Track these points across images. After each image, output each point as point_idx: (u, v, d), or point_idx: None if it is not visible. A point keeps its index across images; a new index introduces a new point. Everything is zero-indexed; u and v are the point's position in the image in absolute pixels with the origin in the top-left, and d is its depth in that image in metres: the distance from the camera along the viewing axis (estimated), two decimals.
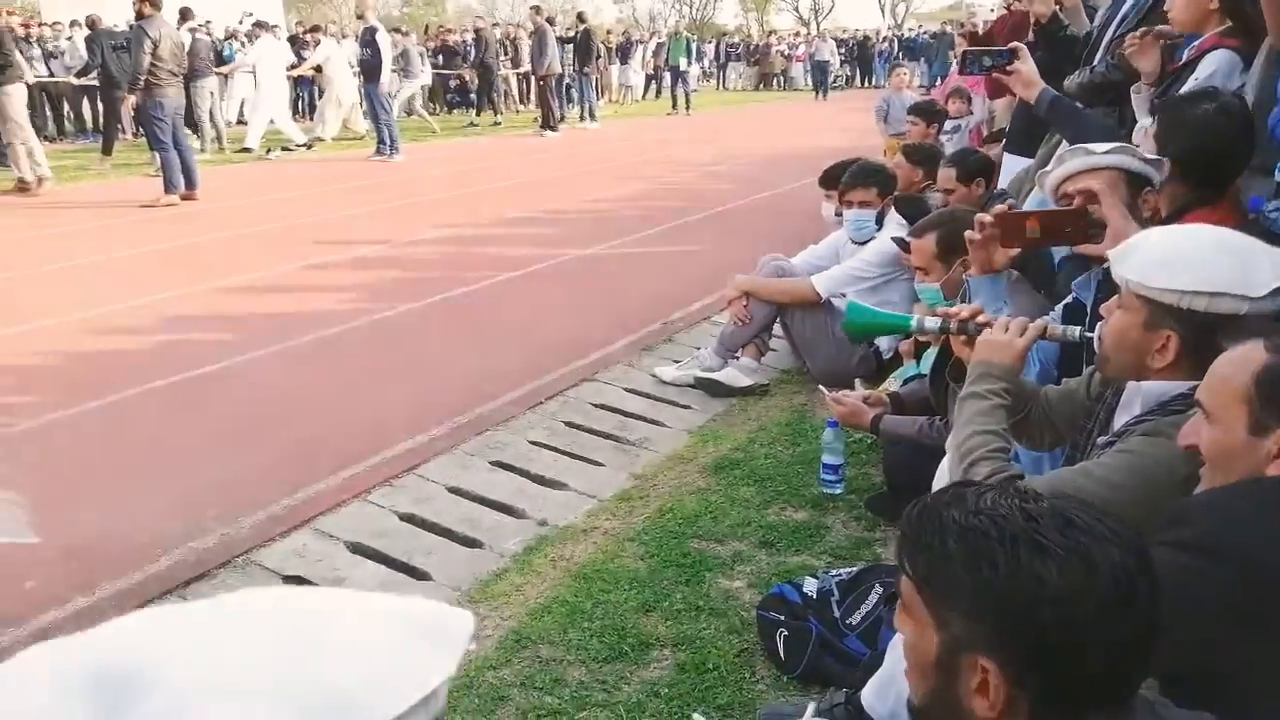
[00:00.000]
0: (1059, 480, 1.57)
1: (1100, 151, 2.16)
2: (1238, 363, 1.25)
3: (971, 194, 3.69)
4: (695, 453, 3.37)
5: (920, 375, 3.01)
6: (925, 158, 4.50)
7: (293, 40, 16.26)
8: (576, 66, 16.33)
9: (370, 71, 11.46)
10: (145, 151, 10.34)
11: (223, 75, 13.36)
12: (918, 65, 22.01)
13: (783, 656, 2.17)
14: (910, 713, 1.08)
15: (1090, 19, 3.77)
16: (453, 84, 18.72)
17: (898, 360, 3.66)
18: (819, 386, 3.07)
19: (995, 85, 5.39)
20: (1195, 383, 1.50)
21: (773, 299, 3.92)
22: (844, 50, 29.70)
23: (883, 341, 3.75)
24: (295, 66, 13.70)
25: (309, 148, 12.53)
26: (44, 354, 4.49)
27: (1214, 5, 2.62)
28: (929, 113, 6.03)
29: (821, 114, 19.18)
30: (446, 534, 2.87)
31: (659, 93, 23.56)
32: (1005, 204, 2.63)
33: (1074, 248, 2.18)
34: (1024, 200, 3.23)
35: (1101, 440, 1.67)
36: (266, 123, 12.32)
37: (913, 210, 3.59)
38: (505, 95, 18.24)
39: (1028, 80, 2.83)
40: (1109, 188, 2.06)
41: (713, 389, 3.89)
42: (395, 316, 5.11)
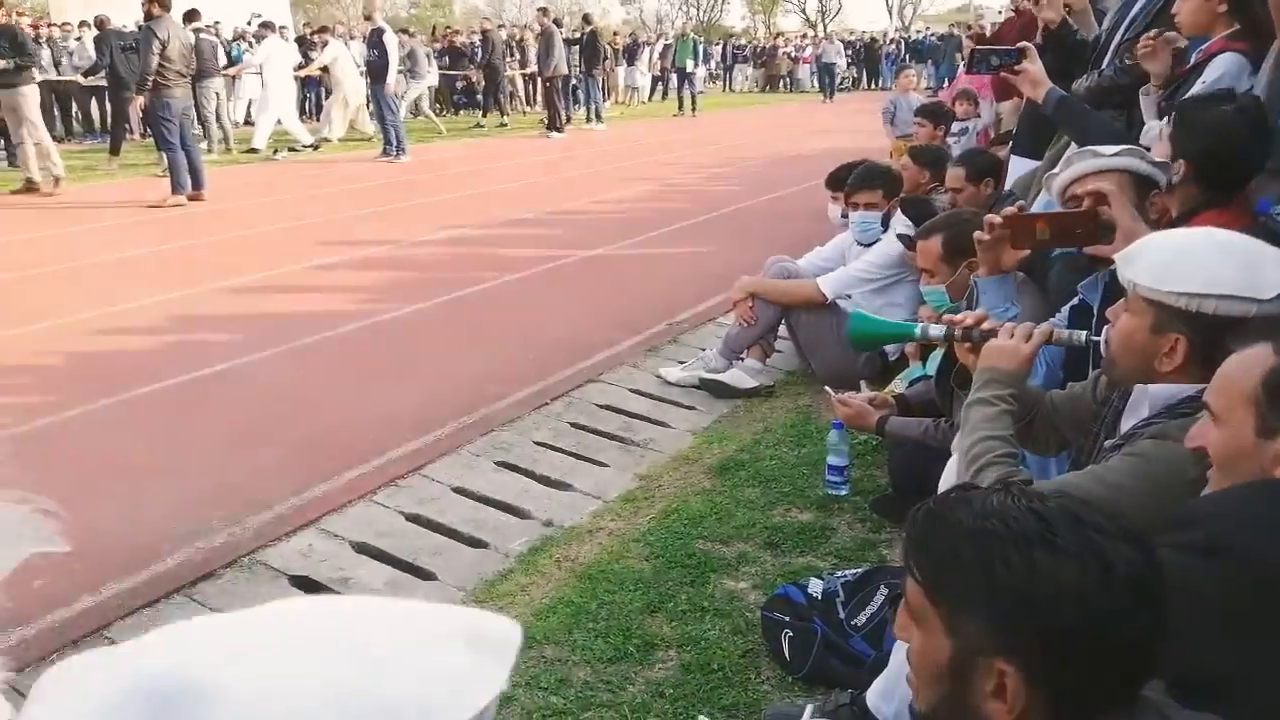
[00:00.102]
0: (1067, 484, 1.57)
1: (1108, 154, 2.15)
2: (1246, 365, 1.25)
3: (980, 193, 3.69)
4: (700, 454, 3.37)
5: (926, 377, 3.00)
6: (932, 160, 4.50)
7: (300, 41, 16.30)
8: (583, 68, 16.34)
9: (377, 72, 11.47)
10: (152, 152, 10.37)
11: (229, 76, 13.39)
12: (925, 67, 21.97)
13: (788, 657, 2.16)
14: (914, 718, 1.07)
15: (1099, 22, 3.76)
16: (459, 85, 18.75)
17: (903, 362, 3.66)
18: (825, 388, 3.07)
19: (1002, 87, 5.39)
20: (1203, 385, 1.50)
21: (778, 300, 3.91)
22: (851, 52, 29.68)
23: None
24: (302, 67, 13.74)
25: (316, 148, 12.56)
26: (51, 353, 4.51)
27: (1222, 9, 2.61)
28: (936, 115, 6.03)
29: (828, 116, 19.17)
30: (452, 534, 2.87)
31: (665, 94, 23.57)
32: (1015, 205, 2.62)
33: (1084, 249, 2.17)
34: (1031, 202, 3.22)
35: (1109, 444, 1.67)
36: (274, 123, 12.35)
37: (919, 212, 3.58)
38: (511, 96, 18.26)
39: (1035, 80, 2.83)
40: (1118, 189, 2.06)
41: (718, 390, 3.89)
42: (401, 317, 5.12)
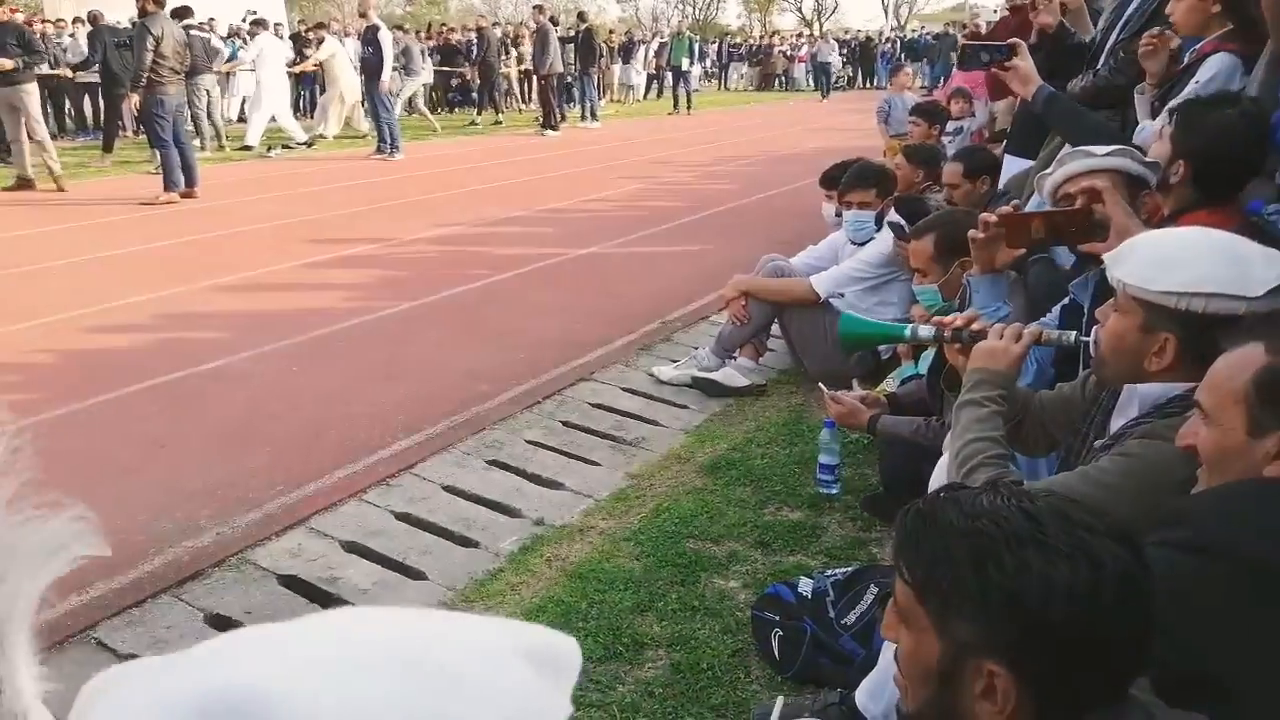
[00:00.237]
0: (1057, 484, 1.56)
1: (1100, 153, 2.15)
2: (1237, 364, 1.25)
3: (976, 190, 3.69)
4: (692, 453, 3.36)
5: (917, 376, 3.00)
6: (925, 158, 4.49)
7: (295, 38, 16.25)
8: (578, 66, 16.31)
9: (372, 70, 11.43)
10: (146, 149, 10.33)
11: (222, 73, 13.34)
12: (920, 66, 21.98)
13: (777, 657, 2.16)
14: (902, 719, 1.07)
15: (1094, 22, 3.76)
16: (454, 83, 18.72)
17: (895, 361, 3.66)
18: (819, 384, 3.06)
19: (996, 87, 5.38)
20: (1192, 384, 1.49)
21: (771, 299, 3.91)
22: (846, 51, 29.69)
23: None
24: (295, 63, 13.69)
25: (310, 145, 12.52)
26: (41, 351, 4.49)
27: (1215, 9, 2.61)
28: (931, 114, 6.02)
29: (823, 115, 19.18)
30: (442, 533, 2.86)
31: (661, 92, 23.55)
32: (1010, 205, 2.62)
33: (1079, 247, 2.17)
34: (1025, 203, 3.22)
35: (1098, 444, 1.67)
36: (267, 120, 12.31)
37: (912, 211, 3.57)
38: (507, 94, 18.23)
39: (1025, 76, 2.82)
40: (1113, 186, 2.06)
41: (710, 389, 3.89)
42: (394, 315, 5.10)
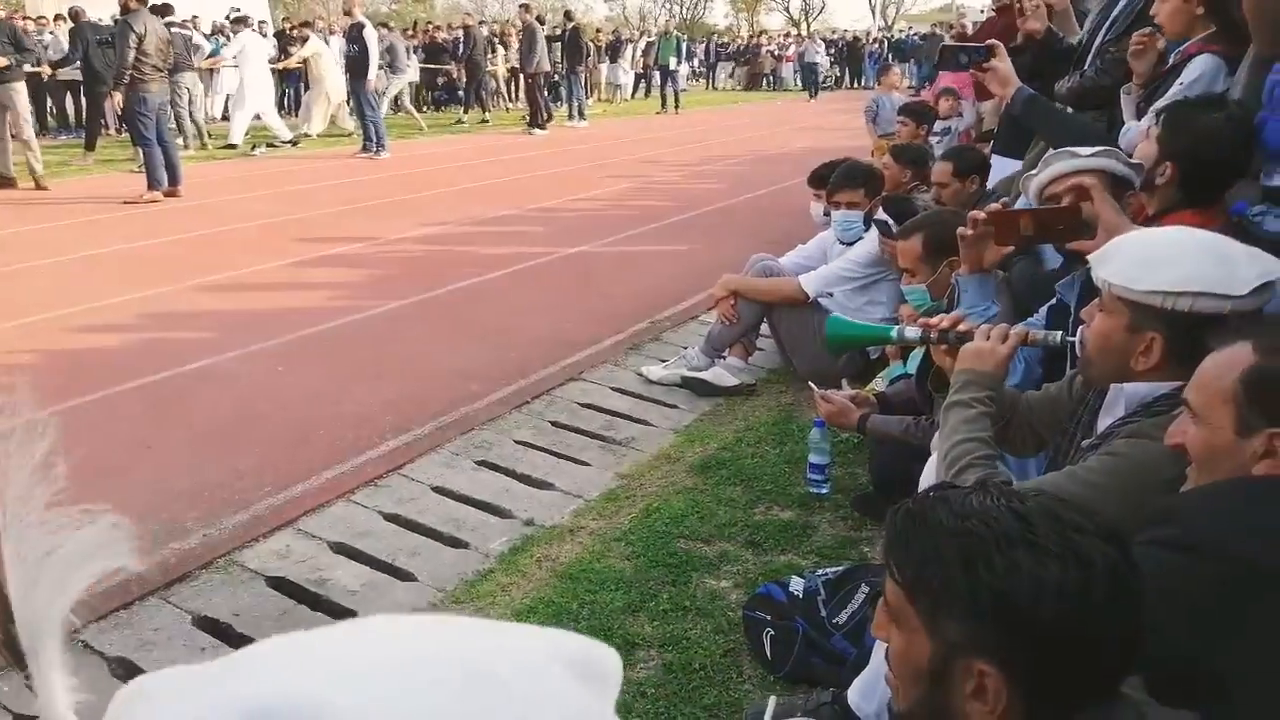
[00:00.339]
0: (1046, 484, 1.57)
1: (1086, 154, 2.16)
2: (1225, 363, 1.26)
3: (965, 190, 3.70)
4: (682, 452, 3.36)
5: (907, 375, 3.01)
6: (913, 158, 4.51)
7: (279, 36, 16.15)
8: (566, 65, 16.29)
9: (357, 68, 11.38)
10: (128, 147, 10.26)
11: (204, 70, 13.25)
12: (908, 66, 22.06)
13: (769, 656, 2.16)
14: (893, 719, 1.07)
15: (1080, 24, 3.78)
16: (440, 81, 18.65)
17: (884, 360, 3.67)
18: (809, 384, 3.07)
19: (983, 87, 5.40)
20: (1178, 383, 1.50)
21: (760, 298, 3.91)
22: (833, 51, 29.77)
23: None
24: (278, 60, 13.60)
25: (295, 144, 12.46)
26: (24, 351, 4.44)
27: (1200, 11, 2.63)
28: (919, 114, 6.05)
29: (810, 114, 19.22)
30: (431, 534, 2.85)
31: (648, 92, 23.54)
32: (1000, 202, 2.63)
33: (1067, 245, 2.18)
34: (1014, 204, 3.23)
35: (1086, 443, 1.67)
36: (250, 118, 12.24)
37: (900, 211, 3.58)
38: (494, 93, 18.18)
39: (1003, 78, 2.83)
40: (1101, 184, 2.07)
41: (699, 388, 3.89)
42: (380, 314, 5.08)
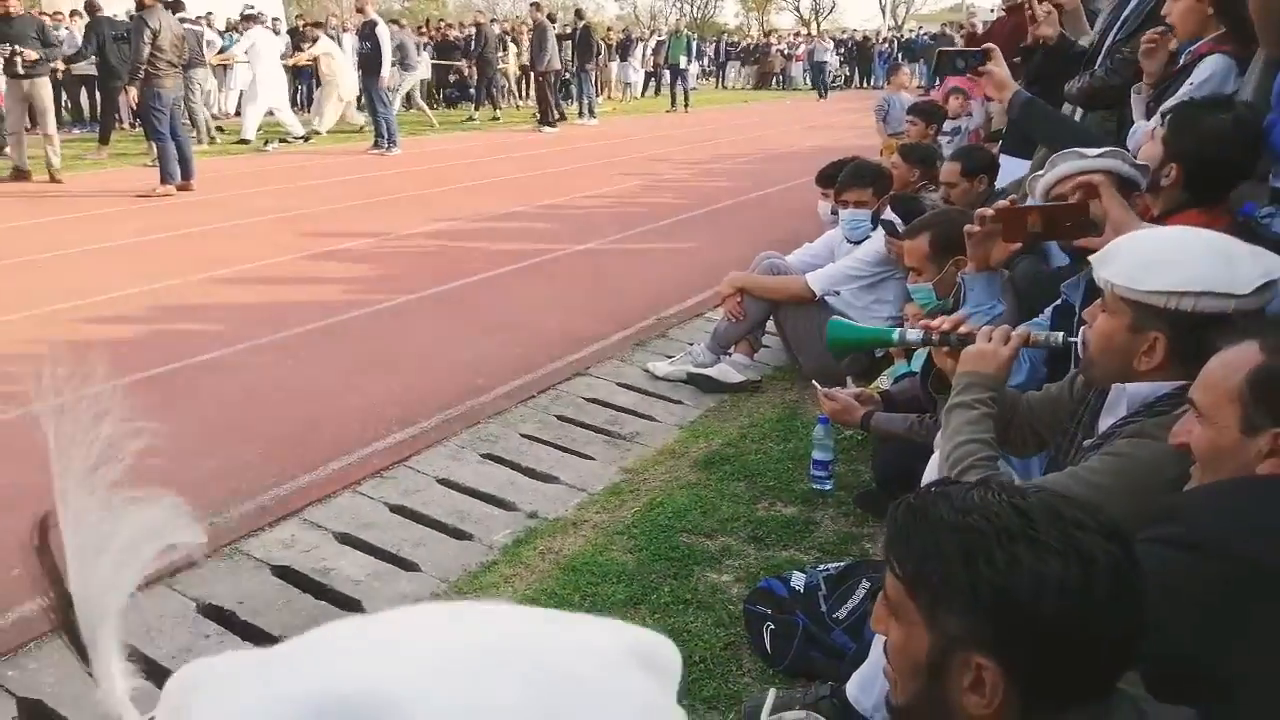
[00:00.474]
0: (1048, 484, 1.57)
1: (1092, 155, 2.16)
2: (1231, 363, 1.26)
3: (973, 189, 3.70)
4: (686, 448, 3.37)
5: (911, 373, 3.01)
6: (921, 157, 4.50)
7: (293, 33, 16.20)
8: (576, 63, 16.31)
9: (370, 65, 11.42)
10: (142, 141, 10.31)
11: (216, 67, 13.33)
12: (917, 66, 21.99)
13: (769, 650, 2.17)
14: (891, 713, 1.07)
15: (1090, 24, 3.77)
16: (451, 78, 18.69)
17: (889, 358, 3.67)
18: (812, 382, 3.08)
19: None
20: (1180, 383, 1.50)
21: (767, 296, 3.92)
22: (843, 51, 29.71)
23: None
24: (287, 57, 13.64)
25: (307, 140, 12.50)
26: (37, 341, 4.48)
27: (1211, 11, 2.63)
28: (928, 113, 6.02)
29: (819, 113, 19.19)
30: (436, 525, 2.86)
31: (658, 90, 23.55)
32: (1008, 200, 2.62)
33: (1074, 242, 2.18)
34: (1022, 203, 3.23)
35: (1087, 443, 1.67)
36: (262, 114, 12.29)
37: (908, 210, 3.58)
38: (504, 91, 18.21)
39: (1000, 82, 2.83)
40: (1109, 182, 2.07)
41: (705, 385, 3.90)
42: (389, 309, 5.10)
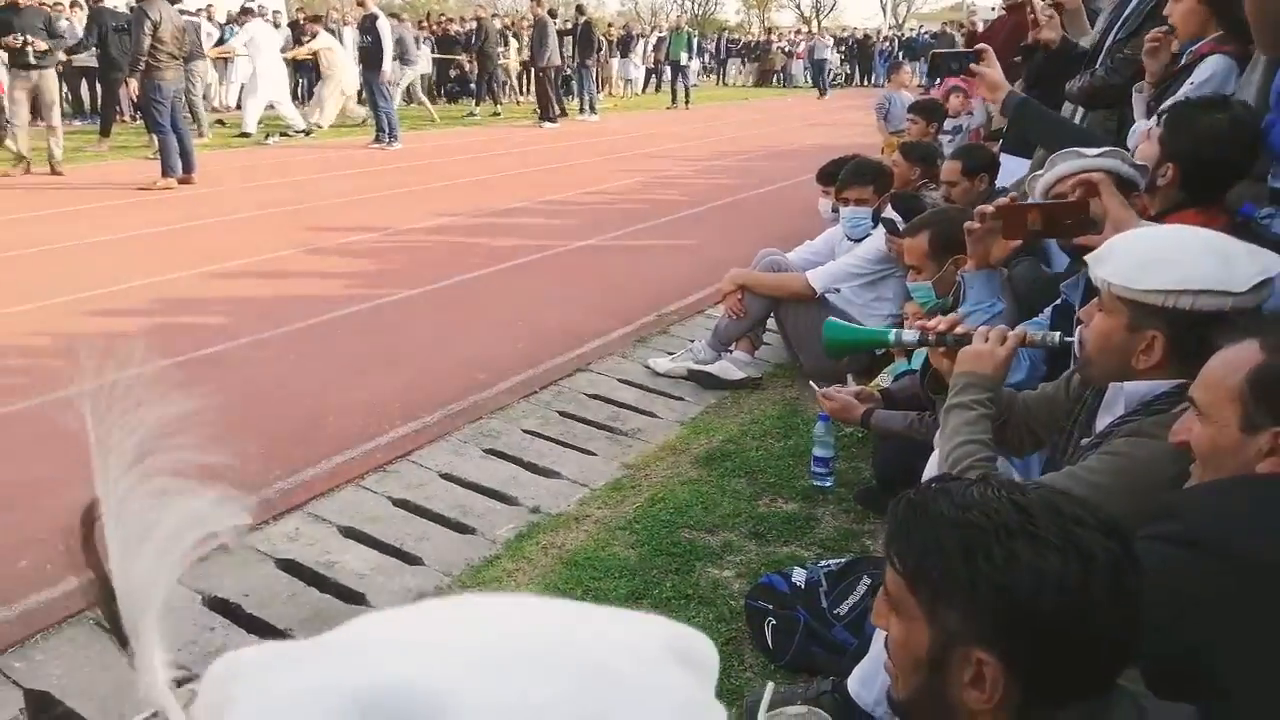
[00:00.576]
0: (1046, 484, 1.58)
1: (1091, 154, 2.18)
2: (1232, 361, 1.26)
3: (974, 188, 3.71)
4: (687, 444, 3.39)
5: (911, 371, 3.03)
6: (922, 155, 4.51)
7: (294, 26, 16.18)
8: (577, 59, 16.29)
9: (371, 59, 11.42)
10: (143, 134, 10.31)
11: (216, 59, 13.32)
12: (918, 64, 21.98)
13: (770, 645, 2.19)
14: (892, 707, 1.08)
15: (1091, 24, 3.78)
16: (453, 73, 18.67)
17: (889, 356, 3.68)
18: (810, 383, 3.09)
19: None
20: (1178, 381, 1.51)
21: (768, 293, 3.93)
22: (844, 49, 29.70)
23: None
24: (287, 50, 13.63)
25: (308, 134, 12.50)
26: (38, 334, 4.49)
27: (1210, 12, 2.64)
28: (929, 111, 6.02)
29: (821, 111, 19.19)
30: (439, 520, 2.88)
31: (659, 87, 23.55)
32: (1008, 197, 2.64)
33: (1075, 240, 2.19)
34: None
35: (1085, 442, 1.68)
36: (263, 107, 12.28)
37: (909, 208, 3.60)
38: (505, 86, 18.19)
39: (993, 83, 2.83)
40: (1108, 180, 2.08)
41: (706, 381, 3.92)
42: (391, 304, 5.11)
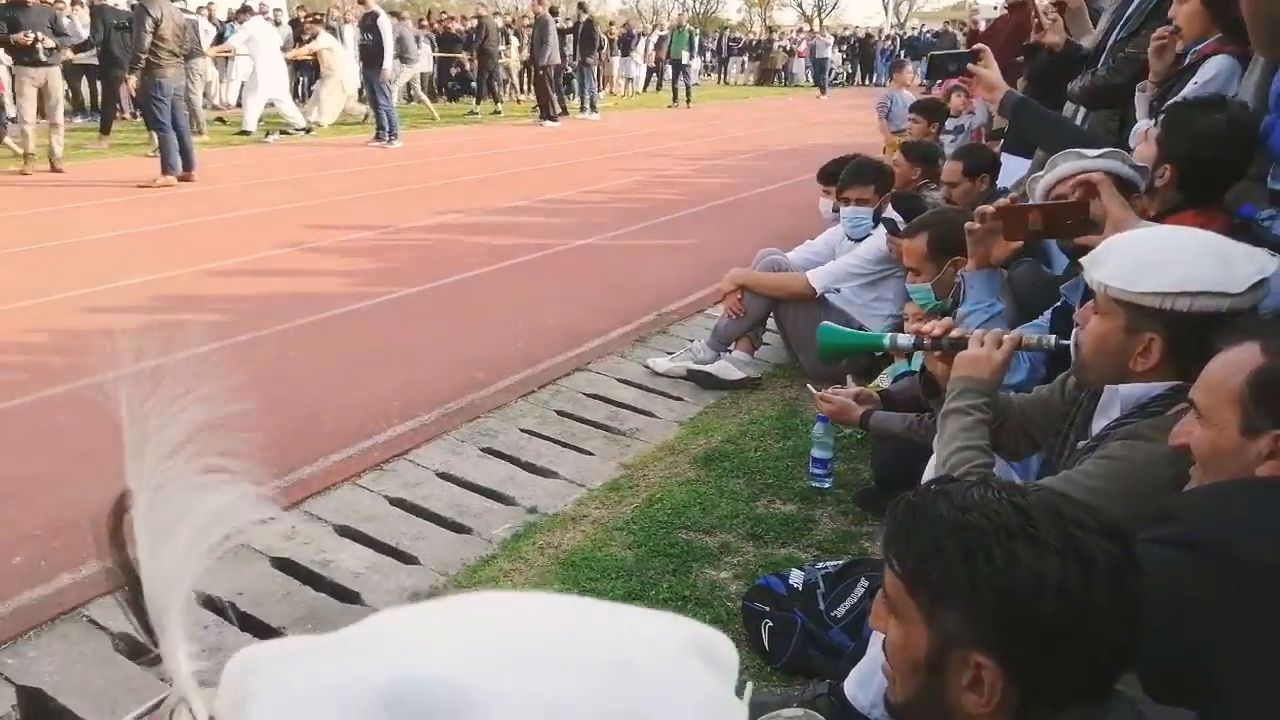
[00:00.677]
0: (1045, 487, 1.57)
1: (1092, 155, 2.17)
2: (1232, 364, 1.26)
3: (975, 188, 3.70)
4: (686, 444, 3.37)
5: (910, 372, 3.01)
6: (923, 155, 4.50)
7: (294, 24, 16.17)
8: (579, 57, 16.28)
9: (371, 57, 11.40)
10: (143, 131, 10.30)
11: (215, 57, 13.31)
12: (919, 64, 21.98)
13: (767, 647, 2.18)
14: (889, 710, 1.07)
15: (1094, 23, 3.77)
16: (453, 71, 18.66)
17: (889, 357, 3.67)
18: (807, 385, 3.08)
19: None
20: (1173, 383, 1.51)
21: (768, 293, 3.92)
22: (845, 48, 29.70)
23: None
24: (287, 49, 13.63)
25: (308, 132, 12.49)
26: (36, 331, 4.48)
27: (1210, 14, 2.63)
28: (931, 111, 6.02)
29: (822, 110, 19.18)
30: (435, 519, 2.87)
31: (660, 85, 23.55)
32: (1009, 197, 2.62)
33: (1075, 241, 2.18)
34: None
35: (1081, 445, 1.67)
36: (263, 105, 12.27)
37: (909, 208, 3.59)
38: (506, 84, 18.19)
39: (990, 84, 2.82)
40: (1108, 180, 2.07)
41: (705, 381, 3.90)
42: (389, 302, 5.10)
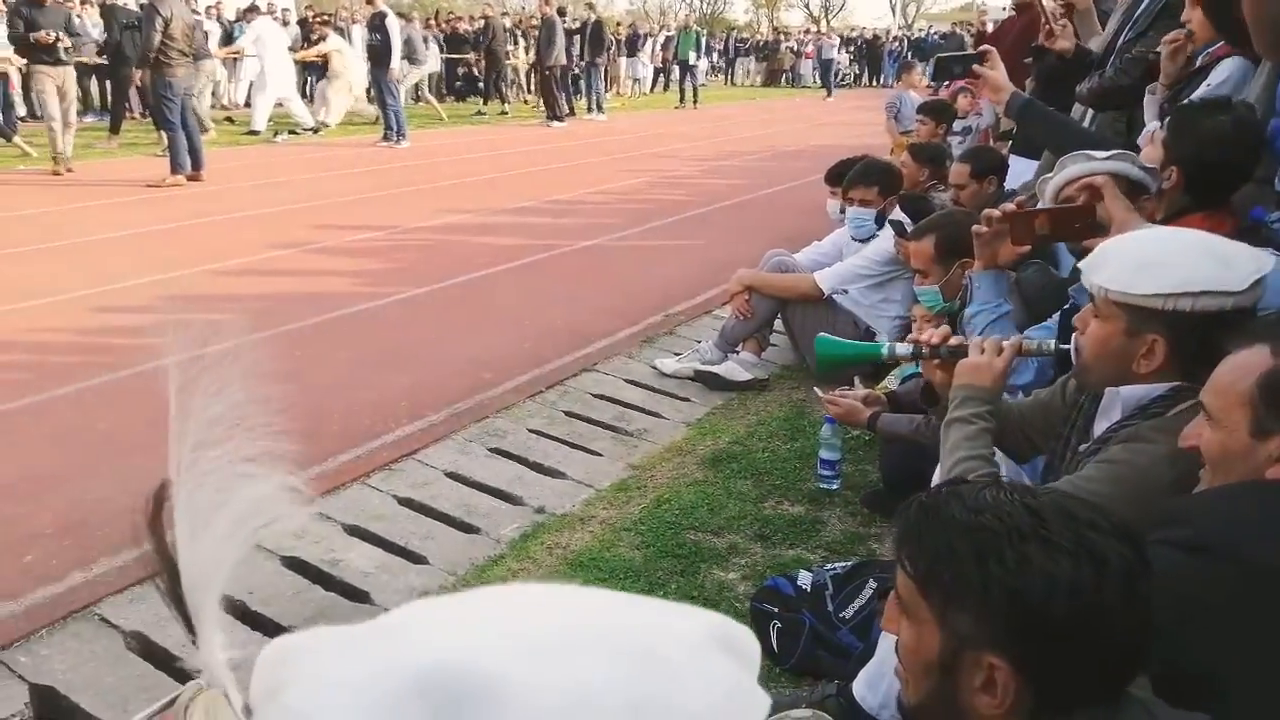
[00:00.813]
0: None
1: (1101, 157, 2.17)
2: (1242, 367, 1.26)
3: (983, 190, 3.69)
4: (693, 445, 3.38)
5: (918, 375, 3.01)
6: (931, 157, 4.51)
7: (302, 24, 16.22)
8: (587, 57, 16.28)
9: (379, 57, 11.43)
10: (153, 131, 10.33)
11: (225, 58, 13.35)
12: (927, 65, 21.96)
13: (775, 649, 2.18)
14: (902, 712, 1.07)
15: (1102, 25, 3.76)
16: (461, 72, 18.70)
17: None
18: (815, 387, 3.08)
19: None
20: (1173, 384, 1.51)
21: (775, 294, 3.93)
22: (852, 49, 29.68)
23: (881, 335, 3.76)
24: (295, 49, 13.66)
25: (316, 131, 12.53)
26: (46, 330, 4.50)
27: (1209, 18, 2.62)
28: (939, 112, 6.02)
29: (829, 111, 19.16)
30: (444, 519, 2.88)
31: (667, 86, 23.55)
32: (1015, 201, 2.62)
33: (1082, 244, 2.18)
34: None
35: (1083, 448, 1.67)
36: (271, 105, 12.31)
37: (917, 209, 3.59)
38: (513, 85, 18.21)
39: (996, 85, 2.82)
40: (1113, 183, 2.07)
41: (712, 382, 3.91)
42: (397, 302, 5.11)
